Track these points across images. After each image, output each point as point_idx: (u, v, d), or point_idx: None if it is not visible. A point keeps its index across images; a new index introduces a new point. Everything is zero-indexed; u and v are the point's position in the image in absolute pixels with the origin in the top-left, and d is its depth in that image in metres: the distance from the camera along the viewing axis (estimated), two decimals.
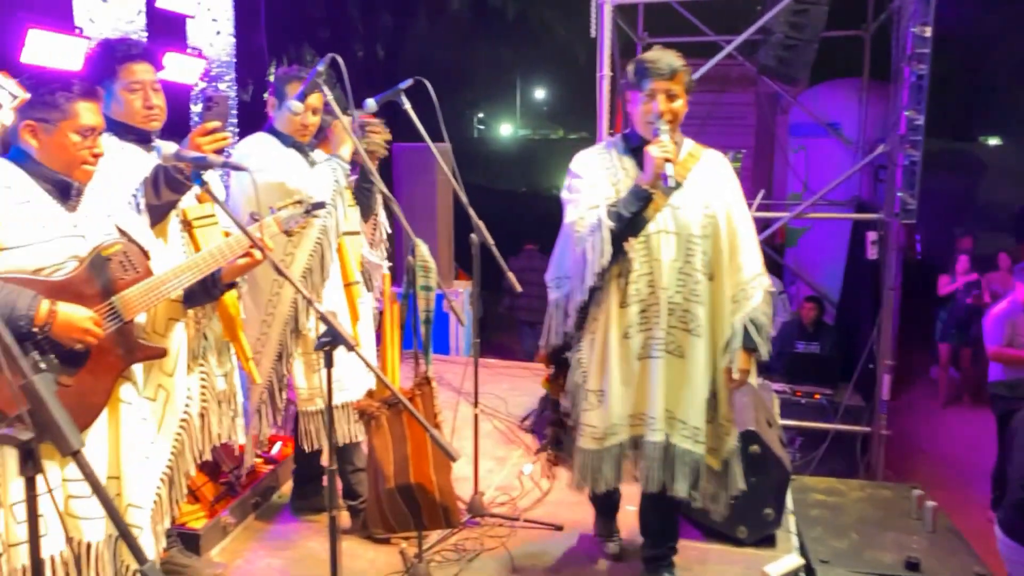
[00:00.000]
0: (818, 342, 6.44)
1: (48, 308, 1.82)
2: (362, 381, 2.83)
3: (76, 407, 1.93)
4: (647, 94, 2.46)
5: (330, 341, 1.73)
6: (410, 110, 2.99)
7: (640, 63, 2.48)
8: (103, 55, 2.32)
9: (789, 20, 5.96)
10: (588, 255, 2.44)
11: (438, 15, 13.97)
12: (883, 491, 4.29)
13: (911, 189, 5.07)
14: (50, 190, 1.94)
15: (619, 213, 2.45)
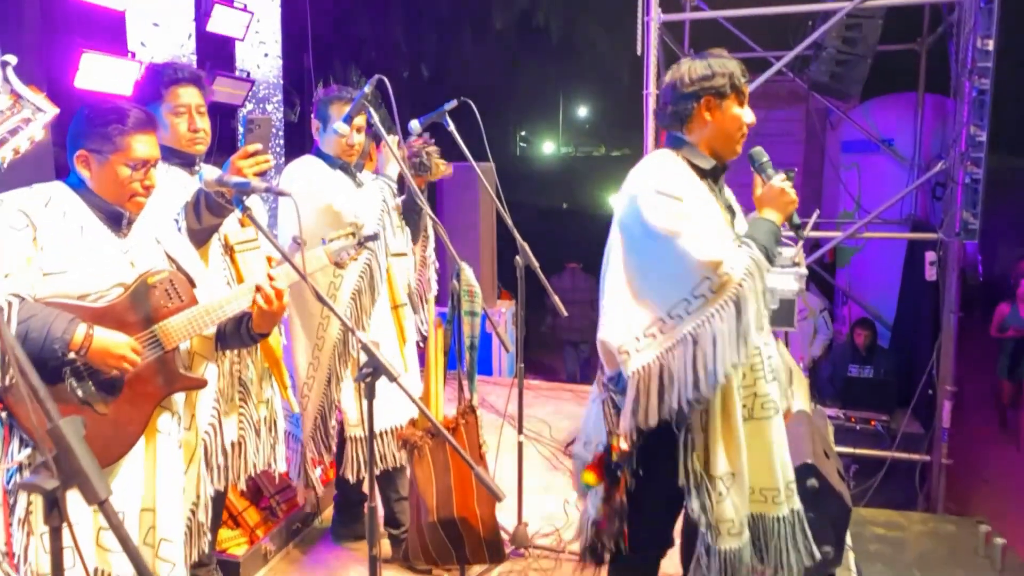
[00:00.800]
0: (872, 366, 6.21)
1: (85, 332, 1.80)
2: (407, 407, 2.77)
3: (112, 436, 1.90)
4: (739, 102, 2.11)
5: (372, 372, 1.67)
6: (454, 131, 2.95)
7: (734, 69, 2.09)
8: (150, 79, 2.33)
9: (842, 35, 5.82)
10: (750, 306, 1.91)
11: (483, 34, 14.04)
12: (947, 525, 4.09)
13: (973, 208, 4.86)
14: (103, 218, 1.94)
15: (769, 253, 2.01)
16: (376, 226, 2.84)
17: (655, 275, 1.97)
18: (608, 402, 2.02)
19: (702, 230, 1.94)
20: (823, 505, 2.97)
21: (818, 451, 3.14)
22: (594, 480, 2.06)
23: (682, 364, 1.93)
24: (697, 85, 2.08)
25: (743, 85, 2.11)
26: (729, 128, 2.11)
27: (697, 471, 2.02)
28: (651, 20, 5.41)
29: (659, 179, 2.03)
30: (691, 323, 1.91)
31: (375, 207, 2.81)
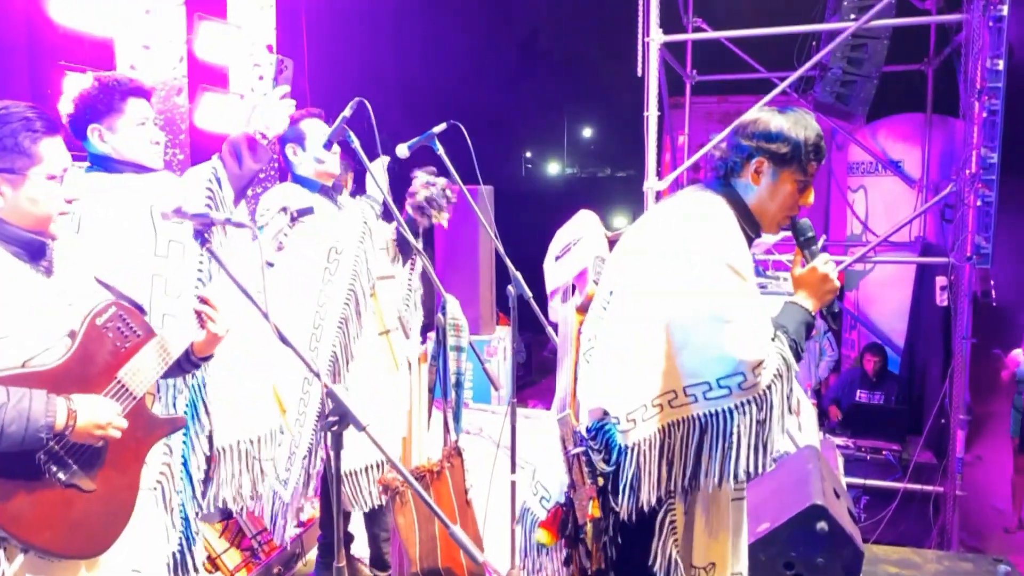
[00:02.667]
0: (882, 392, 6.04)
1: (67, 409, 1.58)
2: (391, 445, 2.63)
3: (107, 512, 1.71)
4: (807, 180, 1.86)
5: (338, 420, 1.52)
6: (443, 155, 2.83)
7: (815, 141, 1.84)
8: (106, 91, 2.17)
9: (847, 55, 5.74)
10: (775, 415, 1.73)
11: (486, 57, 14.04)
12: (963, 564, 3.91)
13: (986, 231, 4.72)
14: (18, 253, 1.65)
15: (799, 347, 1.82)
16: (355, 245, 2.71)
17: (689, 348, 1.74)
18: (583, 458, 1.79)
19: (754, 321, 1.73)
20: (834, 549, 2.81)
21: (828, 491, 2.98)
22: (549, 539, 1.85)
23: (682, 445, 1.74)
24: (755, 142, 1.83)
25: (812, 163, 1.83)
26: (777, 203, 1.85)
27: (673, 558, 1.80)
28: (650, 41, 5.31)
29: (727, 247, 1.77)
30: (704, 408, 1.72)
31: (355, 230, 2.69)
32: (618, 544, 1.82)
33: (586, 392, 1.86)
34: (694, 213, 1.84)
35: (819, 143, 1.83)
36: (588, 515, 1.74)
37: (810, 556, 2.74)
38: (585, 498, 1.75)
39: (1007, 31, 4.53)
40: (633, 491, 1.74)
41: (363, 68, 9.82)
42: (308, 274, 2.72)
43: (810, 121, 1.85)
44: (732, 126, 1.91)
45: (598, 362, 1.86)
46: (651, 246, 1.84)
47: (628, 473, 1.74)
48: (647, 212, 1.97)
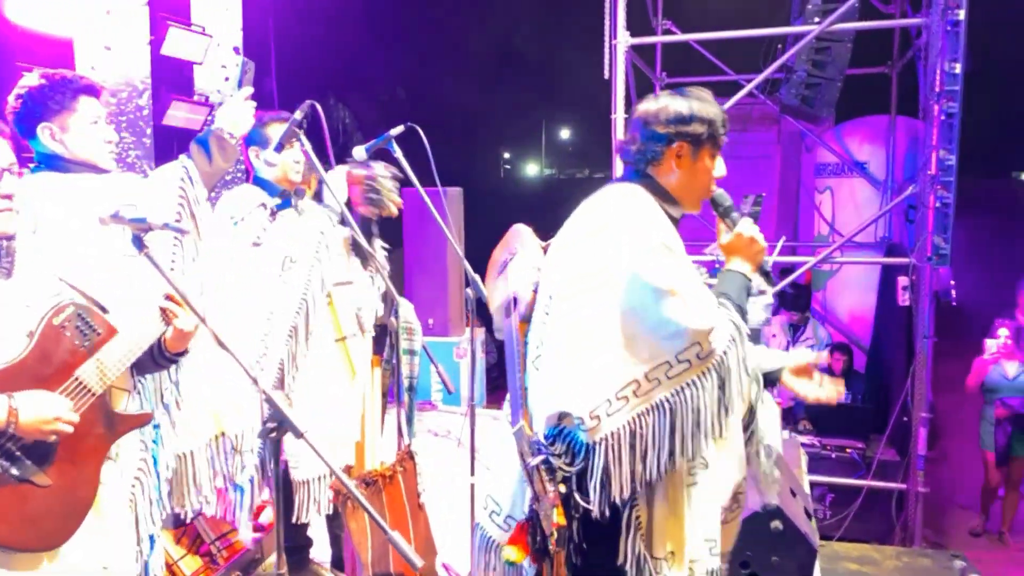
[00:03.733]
0: (849, 391, 6.11)
1: (7, 406, 1.61)
2: (343, 451, 2.62)
3: (63, 508, 1.73)
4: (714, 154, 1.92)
5: (276, 428, 1.53)
6: (401, 158, 2.83)
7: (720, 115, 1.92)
8: (57, 89, 2.14)
9: (812, 58, 5.80)
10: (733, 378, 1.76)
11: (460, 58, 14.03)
12: (922, 560, 3.99)
13: (944, 232, 4.79)
14: None
15: (743, 311, 1.86)
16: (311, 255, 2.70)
17: (642, 333, 1.75)
18: (540, 467, 1.75)
19: (696, 290, 1.76)
20: (788, 548, 2.84)
21: (784, 490, 3.01)
22: (520, 556, 1.82)
23: (654, 432, 1.74)
24: (672, 128, 1.87)
25: (722, 137, 1.91)
26: (699, 181, 1.92)
27: (640, 552, 1.81)
28: (617, 43, 5.34)
29: (655, 227, 1.81)
30: (669, 388, 1.73)
31: (312, 239, 2.68)
32: (583, 550, 1.82)
33: (540, 399, 1.85)
34: (616, 204, 1.86)
35: (725, 115, 1.89)
36: (554, 523, 1.73)
37: (765, 555, 2.77)
38: (549, 507, 1.73)
39: (964, 35, 4.61)
40: (604, 487, 1.73)
41: (334, 69, 9.77)
42: (262, 282, 2.71)
43: (709, 96, 1.91)
44: (637, 118, 1.93)
45: (549, 367, 1.85)
46: (582, 243, 1.86)
47: (597, 470, 1.73)
48: (572, 215, 1.96)
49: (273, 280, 2.66)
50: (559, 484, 1.75)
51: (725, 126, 1.89)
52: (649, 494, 1.82)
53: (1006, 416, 5.63)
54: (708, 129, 1.86)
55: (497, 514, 1.93)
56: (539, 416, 1.84)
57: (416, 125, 2.88)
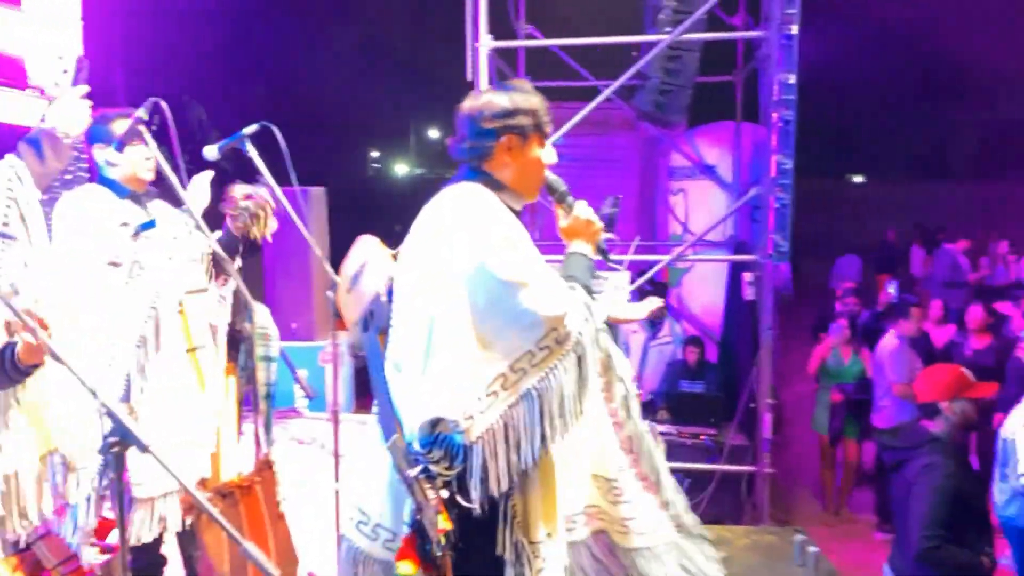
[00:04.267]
0: (702, 381, 6.48)
1: None
2: (196, 466, 2.52)
3: None
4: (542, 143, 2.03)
5: (118, 442, 1.46)
6: (256, 157, 2.76)
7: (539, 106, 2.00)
8: None
9: (664, 66, 6.09)
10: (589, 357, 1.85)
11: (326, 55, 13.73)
12: (767, 537, 4.27)
13: (783, 231, 5.18)
14: None
15: (590, 291, 1.95)
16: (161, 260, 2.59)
17: (500, 327, 1.80)
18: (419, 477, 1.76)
19: (546, 279, 1.83)
20: None
21: None
22: (414, 568, 1.81)
23: (526, 421, 1.79)
24: (498, 122, 1.93)
25: (547, 124, 1.99)
26: (532, 170, 2.00)
27: (518, 540, 1.87)
28: (480, 46, 5.41)
29: (497, 222, 1.87)
30: (535, 377, 1.79)
31: (162, 243, 2.56)
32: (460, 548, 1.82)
33: (409, 407, 1.86)
34: (456, 204, 1.91)
35: (545, 103, 1.98)
36: (440, 529, 1.74)
37: None
38: (434, 513, 1.75)
39: (797, 47, 4.99)
40: (483, 483, 1.76)
41: (187, 65, 9.33)
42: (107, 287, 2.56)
43: (529, 87, 2.00)
44: (464, 116, 1.98)
45: (413, 374, 1.86)
46: (427, 246, 1.89)
47: (477, 468, 1.76)
48: (417, 219, 1.99)
49: (119, 287, 2.53)
50: (440, 489, 1.77)
51: (548, 114, 1.98)
52: (523, 482, 1.87)
53: (841, 401, 6.15)
54: (532, 119, 1.94)
55: (365, 524, 1.93)
56: (411, 425, 1.84)
57: (272, 124, 2.82)
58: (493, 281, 1.78)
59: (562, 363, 1.80)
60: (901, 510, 3.37)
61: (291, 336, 5.64)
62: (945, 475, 3.15)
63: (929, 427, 3.34)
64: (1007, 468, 4.38)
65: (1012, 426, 4.40)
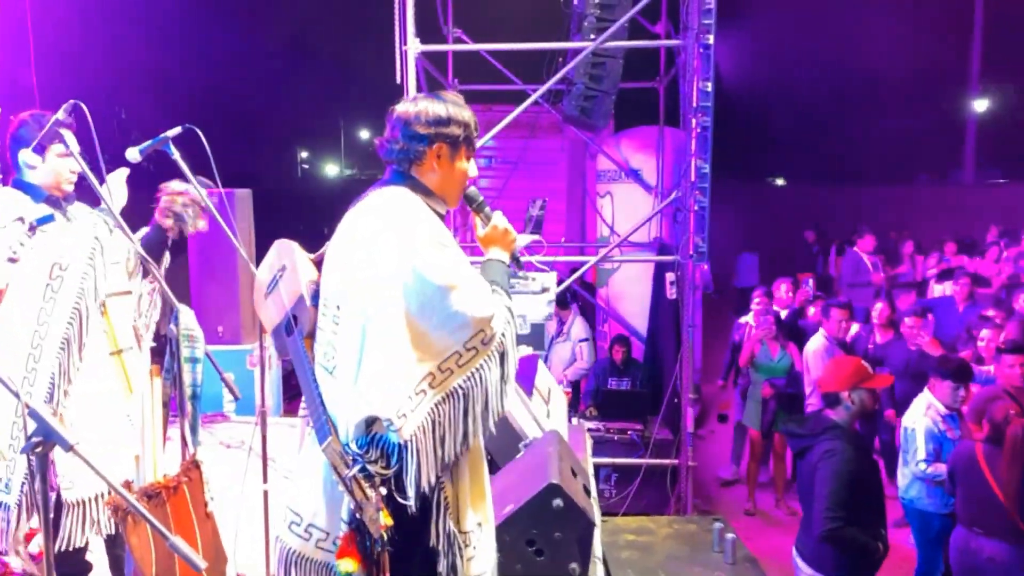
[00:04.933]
0: (629, 378, 6.67)
1: None
2: (122, 467, 2.51)
3: None
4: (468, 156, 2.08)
5: (41, 442, 1.47)
6: (179, 159, 2.75)
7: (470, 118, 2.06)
8: None
9: (589, 72, 6.24)
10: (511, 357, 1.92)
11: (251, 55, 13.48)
12: (689, 526, 4.44)
13: (702, 232, 5.39)
14: None
15: (508, 296, 2.01)
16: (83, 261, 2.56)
17: (431, 328, 1.86)
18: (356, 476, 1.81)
19: (473, 282, 1.89)
20: (569, 524, 3.09)
21: (565, 470, 3.27)
22: (355, 565, 1.84)
23: (451, 418, 1.86)
24: (432, 129, 1.98)
25: (475, 139, 2.06)
26: (455, 180, 2.06)
27: (450, 530, 1.94)
28: (408, 50, 5.46)
29: (425, 225, 1.92)
30: (461, 376, 1.86)
31: (84, 245, 2.54)
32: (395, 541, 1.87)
33: (343, 408, 1.90)
34: (385, 208, 1.96)
35: (473, 120, 2.04)
36: (381, 526, 1.79)
37: (548, 531, 2.99)
38: (375, 511, 1.79)
39: (713, 56, 5.21)
40: (417, 480, 1.83)
41: (109, 64, 9.05)
42: (28, 290, 2.53)
43: (461, 100, 2.06)
44: (397, 118, 2.03)
45: (346, 375, 1.90)
46: (358, 249, 1.93)
47: (412, 465, 1.82)
48: (343, 221, 2.03)
49: (41, 289, 2.49)
50: (379, 487, 1.82)
51: (477, 130, 2.05)
52: (455, 473, 1.95)
53: (772, 395, 6.39)
54: (464, 131, 2.01)
55: (297, 524, 1.96)
56: (345, 425, 1.88)
57: (195, 126, 2.81)
58: (424, 284, 1.84)
59: (487, 363, 1.87)
60: (806, 494, 3.58)
61: (218, 340, 5.57)
62: (845, 460, 3.36)
63: (830, 416, 3.56)
64: (908, 455, 4.68)
65: (912, 416, 4.71)
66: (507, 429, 3.74)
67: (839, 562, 3.47)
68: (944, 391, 4.55)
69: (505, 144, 8.60)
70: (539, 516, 2.98)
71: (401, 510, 1.86)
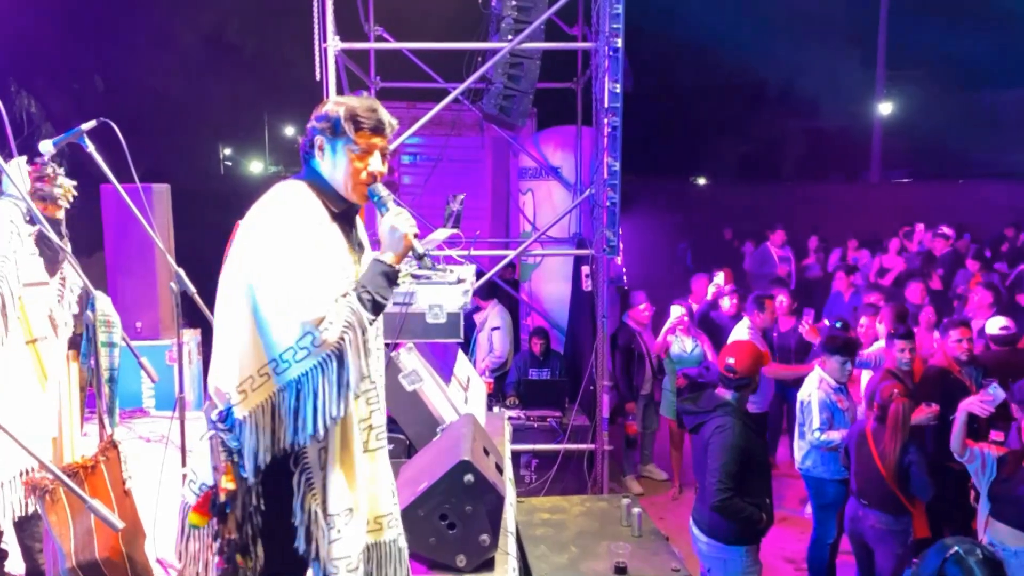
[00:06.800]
0: (548, 368, 6.90)
1: None
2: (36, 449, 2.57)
3: None
4: (363, 148, 2.12)
5: None
6: (94, 152, 2.81)
7: (352, 110, 2.11)
8: None
9: (507, 72, 6.44)
10: (351, 362, 1.97)
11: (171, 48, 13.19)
12: (600, 503, 4.68)
13: (613, 227, 5.65)
14: None
15: (375, 301, 2.07)
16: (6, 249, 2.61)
17: (266, 323, 1.96)
18: (217, 439, 1.98)
19: (311, 285, 1.96)
20: (480, 498, 3.27)
21: (477, 449, 3.44)
22: (200, 520, 2.04)
23: (284, 411, 1.96)
24: (319, 123, 2.11)
25: (364, 133, 2.09)
26: (340, 172, 2.12)
27: (312, 510, 2.05)
28: (328, 47, 5.54)
29: (290, 226, 2.01)
30: (297, 371, 1.94)
31: (2, 230, 2.58)
32: (262, 511, 2.04)
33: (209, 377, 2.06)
34: (268, 202, 2.10)
35: (355, 116, 2.09)
36: (222, 488, 1.95)
37: (460, 506, 3.17)
38: (219, 474, 1.96)
39: (622, 59, 5.47)
40: (253, 457, 1.96)
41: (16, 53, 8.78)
42: None
43: (353, 102, 2.13)
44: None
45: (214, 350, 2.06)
46: (238, 237, 2.08)
47: (247, 443, 1.96)
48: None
49: None
50: (233, 455, 1.98)
51: (356, 125, 2.09)
52: (322, 458, 2.07)
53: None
54: (333, 125, 2.09)
55: (194, 482, 2.11)
56: (212, 393, 2.05)
57: (111, 120, 2.88)
58: (260, 283, 1.97)
59: (322, 365, 1.94)
60: (700, 467, 3.86)
61: (136, 335, 5.54)
62: (735, 434, 3.65)
63: (722, 394, 3.85)
64: (804, 426, 5.05)
65: (807, 390, 5.08)
66: (425, 414, 3.90)
67: (730, 530, 3.76)
68: (833, 366, 4.94)
69: (431, 141, 8.75)
70: (451, 491, 3.15)
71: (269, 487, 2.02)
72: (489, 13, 6.67)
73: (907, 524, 4.28)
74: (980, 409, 4.23)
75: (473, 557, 3.26)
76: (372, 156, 2.13)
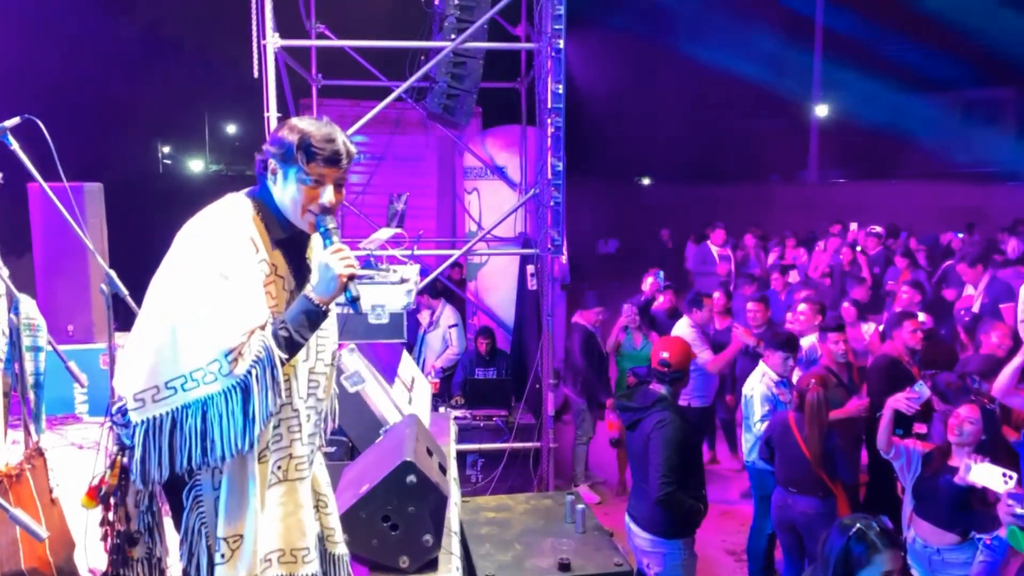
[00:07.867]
0: (494, 367, 6.92)
1: None
2: None
3: None
4: (315, 179, 2.01)
5: None
6: (19, 150, 2.72)
7: (307, 138, 2.00)
8: None
9: (450, 71, 6.42)
10: (257, 397, 1.91)
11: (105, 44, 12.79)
12: (545, 501, 4.70)
13: (557, 227, 5.69)
14: None
15: (291, 340, 2.00)
16: None
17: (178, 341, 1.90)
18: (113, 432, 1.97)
19: (229, 316, 1.90)
20: (423, 498, 3.26)
21: (420, 449, 3.43)
22: (89, 504, 2.10)
23: (185, 428, 1.89)
24: (272, 147, 2.02)
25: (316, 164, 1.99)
26: (288, 199, 2.03)
27: (195, 527, 2.01)
28: (267, 44, 5.45)
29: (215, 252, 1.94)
30: (202, 392, 1.89)
31: None
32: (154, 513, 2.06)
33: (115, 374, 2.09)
34: (209, 216, 2.04)
35: (309, 146, 1.98)
36: (104, 481, 1.99)
37: (403, 507, 3.15)
38: (107, 467, 2.00)
39: (564, 60, 5.52)
40: (142, 466, 1.89)
41: None
42: None
43: (310, 128, 2.02)
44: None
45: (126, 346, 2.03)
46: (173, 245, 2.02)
47: (137, 448, 1.90)
48: None
49: None
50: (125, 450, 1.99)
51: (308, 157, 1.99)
52: (215, 479, 2.01)
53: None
54: (284, 153, 2.00)
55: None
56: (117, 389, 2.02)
57: (39, 116, 2.78)
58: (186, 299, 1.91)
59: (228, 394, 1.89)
60: (638, 463, 3.92)
61: (68, 339, 5.37)
62: (675, 428, 3.72)
63: (658, 389, 3.92)
64: (749, 420, 5.18)
65: (751, 384, 5.21)
66: (368, 416, 3.87)
67: (670, 522, 3.83)
68: (775, 360, 5.08)
69: (375, 140, 8.68)
70: (394, 492, 3.14)
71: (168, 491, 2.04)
72: (432, 12, 6.65)
73: (833, 506, 4.43)
74: (906, 406, 4.39)
75: (416, 558, 3.25)
76: (324, 187, 2.02)
